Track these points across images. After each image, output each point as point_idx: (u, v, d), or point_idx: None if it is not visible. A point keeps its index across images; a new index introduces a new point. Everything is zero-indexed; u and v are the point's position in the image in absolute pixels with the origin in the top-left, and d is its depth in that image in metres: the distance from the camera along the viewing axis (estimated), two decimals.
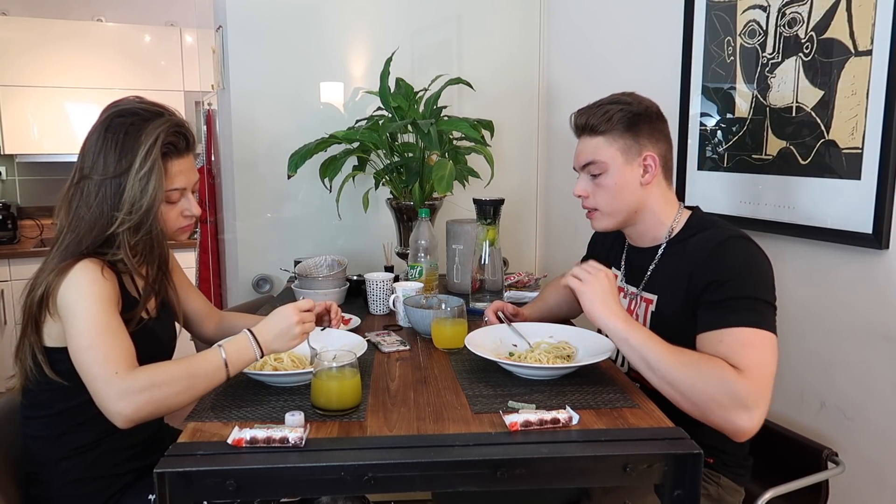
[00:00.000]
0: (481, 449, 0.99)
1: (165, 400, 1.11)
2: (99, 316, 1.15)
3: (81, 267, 1.18)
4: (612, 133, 1.29)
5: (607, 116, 1.28)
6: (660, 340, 1.14)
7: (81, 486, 1.29)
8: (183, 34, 4.11)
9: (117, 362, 1.12)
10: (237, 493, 0.94)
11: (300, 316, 1.20)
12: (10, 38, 3.75)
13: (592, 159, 1.31)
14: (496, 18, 2.54)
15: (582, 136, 1.34)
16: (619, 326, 1.16)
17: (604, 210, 1.34)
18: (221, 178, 2.56)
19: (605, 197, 1.32)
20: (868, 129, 1.33)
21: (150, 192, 1.22)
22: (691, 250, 1.26)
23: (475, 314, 1.69)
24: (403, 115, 2.09)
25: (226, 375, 1.15)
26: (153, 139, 1.22)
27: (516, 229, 2.63)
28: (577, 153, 1.35)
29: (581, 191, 1.35)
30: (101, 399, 1.11)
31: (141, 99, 1.30)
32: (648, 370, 1.13)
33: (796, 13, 1.48)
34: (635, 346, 1.14)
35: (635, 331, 1.15)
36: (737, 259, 1.19)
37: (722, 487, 1.30)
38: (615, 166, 1.29)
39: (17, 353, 1.26)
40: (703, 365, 1.09)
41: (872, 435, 1.40)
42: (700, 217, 1.34)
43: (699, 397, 1.08)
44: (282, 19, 2.33)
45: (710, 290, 1.17)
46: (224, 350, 1.16)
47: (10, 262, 3.64)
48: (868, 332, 1.40)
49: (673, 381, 1.10)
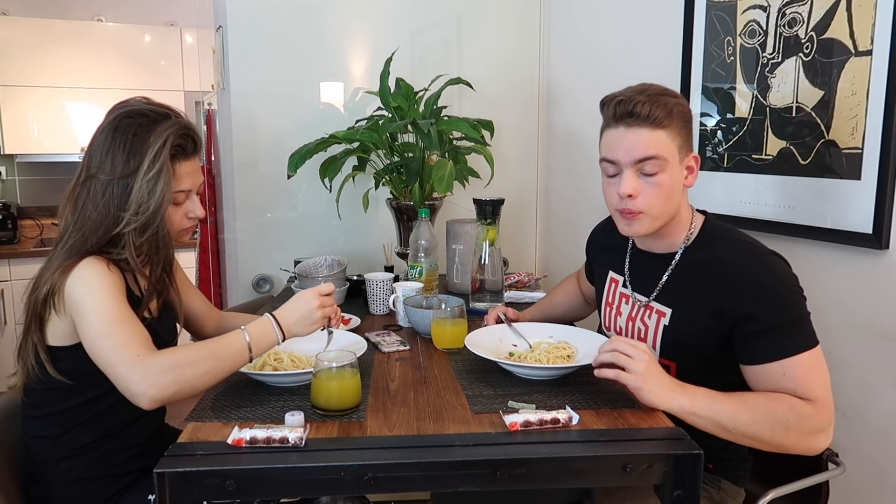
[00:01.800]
0: (481, 449, 0.99)
1: (190, 380, 1.12)
2: (110, 305, 1.16)
3: (87, 263, 1.19)
4: (673, 127, 1.17)
5: (668, 109, 1.16)
6: (723, 397, 1.08)
7: (81, 486, 1.29)
8: (183, 34, 4.12)
9: (137, 346, 1.13)
10: (237, 494, 0.93)
11: (321, 300, 1.22)
12: (10, 38, 3.76)
13: (655, 154, 1.17)
14: (496, 18, 2.54)
15: (635, 126, 1.17)
16: (683, 406, 1.07)
17: (650, 213, 1.20)
18: (221, 178, 2.56)
19: (658, 198, 1.19)
20: (868, 129, 1.33)
21: (158, 193, 1.23)
22: (714, 267, 1.19)
23: (475, 314, 1.69)
24: (403, 115, 2.09)
25: (248, 358, 1.18)
26: (162, 141, 1.23)
27: (516, 229, 2.63)
28: (631, 145, 1.18)
29: (633, 189, 1.18)
30: (124, 383, 1.11)
31: (148, 100, 1.30)
32: (723, 431, 1.08)
33: (796, 13, 1.48)
34: (704, 416, 1.07)
35: (697, 401, 1.08)
36: (775, 284, 1.13)
37: (723, 490, 1.30)
38: (673, 164, 1.18)
39: (20, 352, 1.26)
40: (776, 408, 1.07)
41: (872, 435, 1.40)
42: (714, 225, 1.27)
43: (781, 440, 1.08)
44: (282, 19, 2.33)
45: (753, 320, 1.12)
46: (248, 333, 1.17)
47: (10, 262, 3.64)
48: (868, 332, 1.40)
49: (752, 435, 1.07)
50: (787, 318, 1.11)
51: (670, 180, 1.19)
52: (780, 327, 1.11)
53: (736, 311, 1.14)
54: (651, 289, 1.30)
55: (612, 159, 1.21)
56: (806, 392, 1.09)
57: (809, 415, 1.07)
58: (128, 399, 1.11)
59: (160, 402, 1.11)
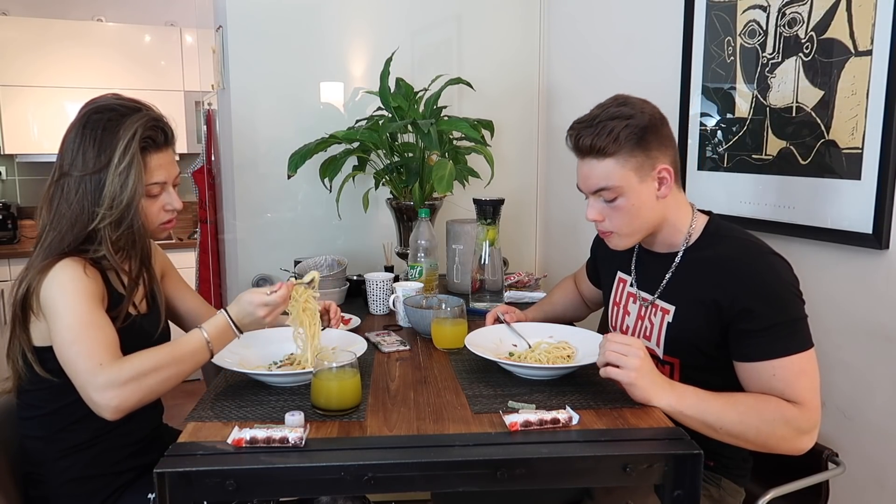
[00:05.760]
0: (481, 449, 0.99)
1: (153, 388, 1.14)
2: (81, 311, 1.16)
3: (62, 265, 1.19)
4: (622, 153, 1.18)
5: (613, 136, 1.17)
6: (711, 396, 1.11)
7: (80, 485, 1.29)
8: (183, 34, 4.12)
9: (101, 354, 1.13)
10: (237, 493, 0.93)
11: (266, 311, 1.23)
12: (10, 38, 3.76)
13: (605, 185, 1.21)
14: (496, 18, 2.54)
15: (586, 157, 1.22)
16: (671, 403, 1.10)
17: (621, 232, 1.25)
18: (221, 178, 2.56)
19: (623, 219, 1.23)
20: (868, 129, 1.33)
21: (130, 186, 1.23)
22: (715, 264, 1.20)
23: (475, 314, 1.69)
24: (403, 115, 2.09)
25: (210, 356, 1.21)
26: (131, 134, 1.23)
27: (516, 229, 2.63)
28: (584, 177, 1.24)
29: (595, 216, 1.25)
30: (86, 392, 1.11)
31: (118, 96, 1.31)
32: (710, 430, 1.10)
33: (796, 13, 1.48)
34: (691, 415, 1.10)
35: (685, 399, 1.11)
36: (774, 282, 1.14)
37: (723, 489, 1.30)
38: (630, 187, 1.20)
39: (9, 353, 1.26)
40: (763, 410, 1.09)
41: (872, 435, 1.40)
42: (718, 225, 1.28)
43: (766, 441, 1.10)
44: (282, 19, 2.33)
45: (750, 317, 1.13)
46: (206, 332, 1.20)
47: (10, 262, 3.65)
48: (868, 332, 1.40)
49: (738, 434, 1.10)
50: (784, 317, 1.12)
51: (631, 202, 1.21)
52: (775, 326, 1.12)
53: (735, 306, 1.15)
54: (656, 287, 1.31)
55: (578, 186, 1.29)
56: (793, 394, 1.10)
57: (795, 417, 1.09)
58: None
59: (123, 413, 1.11)
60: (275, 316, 1.25)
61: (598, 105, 1.24)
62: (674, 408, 1.10)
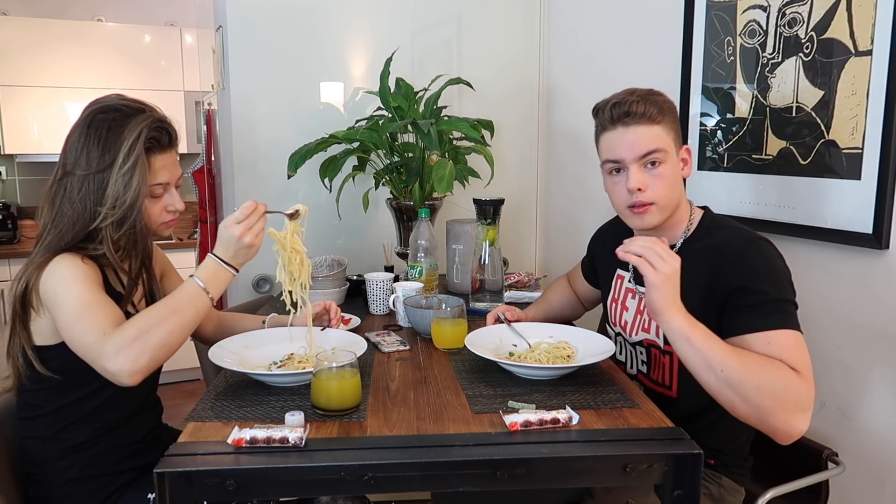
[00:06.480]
0: (481, 449, 0.99)
1: (160, 342, 1.14)
2: (80, 293, 1.17)
3: (59, 258, 1.20)
4: (667, 121, 1.25)
5: (660, 106, 1.24)
6: (720, 340, 1.08)
7: (80, 485, 1.29)
8: (183, 34, 4.12)
9: (104, 325, 1.14)
10: (237, 493, 0.93)
11: (241, 228, 1.21)
12: (10, 38, 3.76)
13: (656, 147, 1.23)
14: (496, 18, 2.54)
15: (633, 124, 1.24)
16: (682, 324, 1.08)
17: (660, 203, 1.25)
18: (221, 178, 2.56)
19: (664, 188, 1.25)
20: (868, 129, 1.33)
21: (134, 186, 1.24)
22: (711, 253, 1.22)
23: (475, 314, 1.69)
24: (403, 115, 2.09)
25: (209, 300, 1.21)
26: (136, 134, 1.23)
27: (516, 229, 2.63)
28: (630, 143, 1.24)
29: (640, 183, 1.24)
30: (100, 364, 1.12)
31: (122, 96, 1.31)
32: (709, 371, 1.06)
33: (796, 13, 1.48)
34: (698, 346, 1.07)
35: (697, 330, 1.08)
36: (765, 263, 1.16)
37: (723, 487, 1.30)
38: (672, 155, 1.26)
39: (9, 352, 1.26)
40: (768, 366, 1.06)
41: (872, 435, 1.40)
42: (713, 217, 1.31)
43: (763, 400, 1.04)
44: (282, 19, 2.33)
45: (742, 293, 1.14)
46: (198, 278, 1.21)
47: (10, 262, 3.65)
48: (868, 332, 1.40)
49: (737, 383, 1.04)
50: (775, 295, 1.13)
51: (672, 171, 1.26)
52: (768, 302, 1.12)
53: (728, 285, 1.16)
54: None
55: (615, 159, 1.27)
56: (792, 362, 1.07)
57: (796, 383, 1.05)
58: (113, 383, 1.12)
59: (140, 374, 1.12)
60: (254, 234, 1.23)
61: (623, 91, 1.28)
62: (682, 332, 1.08)
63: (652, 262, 1.09)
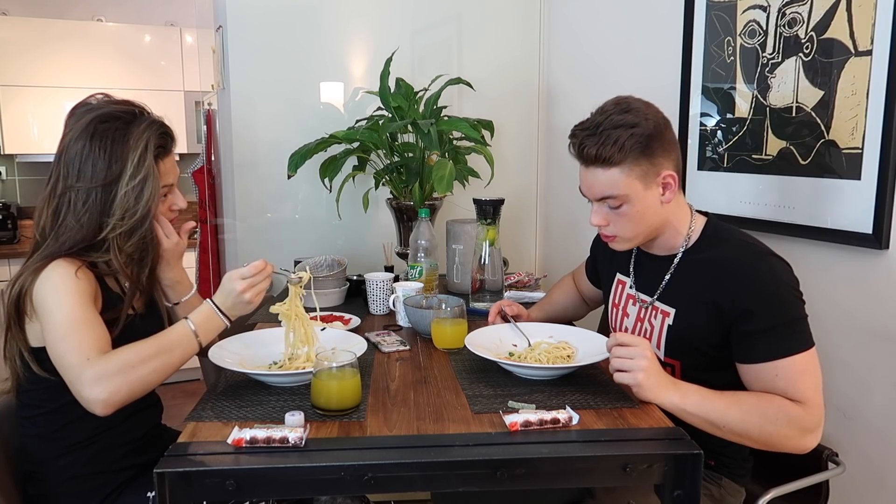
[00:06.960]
0: (481, 449, 0.99)
1: (142, 379, 1.13)
2: (71, 309, 1.16)
3: (54, 265, 1.19)
4: (627, 162, 1.17)
5: (619, 146, 1.16)
6: (714, 395, 1.11)
7: (79, 484, 1.29)
8: (183, 34, 4.11)
9: (89, 350, 1.12)
10: (237, 493, 0.93)
11: (244, 285, 1.23)
12: (10, 38, 3.75)
13: (611, 193, 1.20)
14: (496, 18, 2.54)
15: (590, 166, 1.21)
16: (675, 402, 1.10)
17: (624, 236, 1.26)
18: (221, 178, 2.56)
19: (627, 225, 1.24)
20: (868, 129, 1.33)
21: (146, 197, 1.24)
22: (714, 266, 1.20)
23: (475, 314, 1.69)
24: (403, 115, 2.09)
25: (198, 346, 1.20)
26: (144, 144, 1.23)
27: (516, 229, 2.63)
28: (589, 185, 1.24)
29: (599, 221, 1.26)
30: (75, 387, 1.11)
31: (108, 97, 1.30)
32: (713, 428, 1.10)
33: (796, 13, 1.48)
34: (695, 413, 1.10)
35: (688, 398, 1.10)
36: (775, 283, 1.14)
37: (723, 488, 1.30)
38: (635, 195, 1.20)
39: (6, 353, 1.26)
40: (766, 408, 1.09)
41: (872, 435, 1.40)
42: (716, 226, 1.28)
43: (770, 439, 1.10)
44: (282, 19, 2.33)
45: (750, 317, 1.13)
46: (192, 322, 1.20)
47: (10, 262, 3.64)
48: (868, 332, 1.40)
49: (741, 431, 1.10)
50: (785, 318, 1.12)
51: (636, 209, 1.21)
52: (776, 327, 1.12)
53: (735, 308, 1.15)
54: (655, 289, 1.31)
55: (581, 191, 1.28)
56: (796, 393, 1.10)
57: (798, 416, 1.09)
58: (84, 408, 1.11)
59: (113, 407, 1.10)
60: (256, 293, 1.24)
61: (600, 109, 1.22)
62: (678, 406, 1.10)
63: (623, 368, 1.11)
